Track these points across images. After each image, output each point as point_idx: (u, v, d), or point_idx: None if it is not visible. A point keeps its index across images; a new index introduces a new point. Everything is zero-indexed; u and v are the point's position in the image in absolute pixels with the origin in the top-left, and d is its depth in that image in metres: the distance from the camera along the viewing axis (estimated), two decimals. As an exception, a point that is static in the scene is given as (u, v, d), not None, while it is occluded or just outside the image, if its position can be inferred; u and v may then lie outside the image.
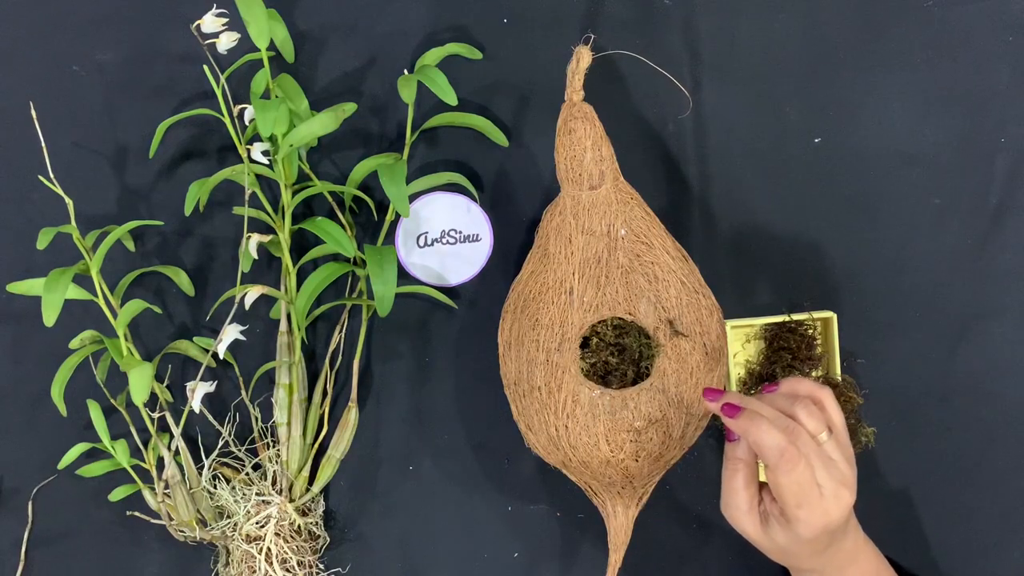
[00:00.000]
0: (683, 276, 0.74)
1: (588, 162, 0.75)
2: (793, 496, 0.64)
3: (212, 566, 0.82)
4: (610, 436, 0.72)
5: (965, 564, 0.85)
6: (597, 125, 0.75)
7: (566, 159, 0.75)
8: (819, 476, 0.65)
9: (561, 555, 0.85)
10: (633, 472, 0.73)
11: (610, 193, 0.75)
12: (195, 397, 0.77)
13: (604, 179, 0.75)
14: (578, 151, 0.75)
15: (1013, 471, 0.85)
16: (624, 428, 0.71)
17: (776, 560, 0.69)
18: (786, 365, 0.81)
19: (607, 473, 0.74)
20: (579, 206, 0.75)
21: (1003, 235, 0.85)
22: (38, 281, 0.78)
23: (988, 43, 0.85)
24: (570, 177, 0.75)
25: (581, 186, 0.75)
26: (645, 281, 0.73)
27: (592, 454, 0.72)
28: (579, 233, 0.74)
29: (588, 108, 0.75)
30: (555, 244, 0.75)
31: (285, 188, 0.79)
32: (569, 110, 0.75)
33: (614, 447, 0.72)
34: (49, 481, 0.84)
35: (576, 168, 0.75)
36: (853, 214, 0.85)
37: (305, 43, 0.84)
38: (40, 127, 0.78)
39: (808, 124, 0.85)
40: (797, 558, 0.68)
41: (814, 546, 0.66)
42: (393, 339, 0.85)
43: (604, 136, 0.75)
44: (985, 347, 0.85)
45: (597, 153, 0.75)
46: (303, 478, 0.82)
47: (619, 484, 0.75)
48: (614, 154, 0.76)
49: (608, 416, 0.71)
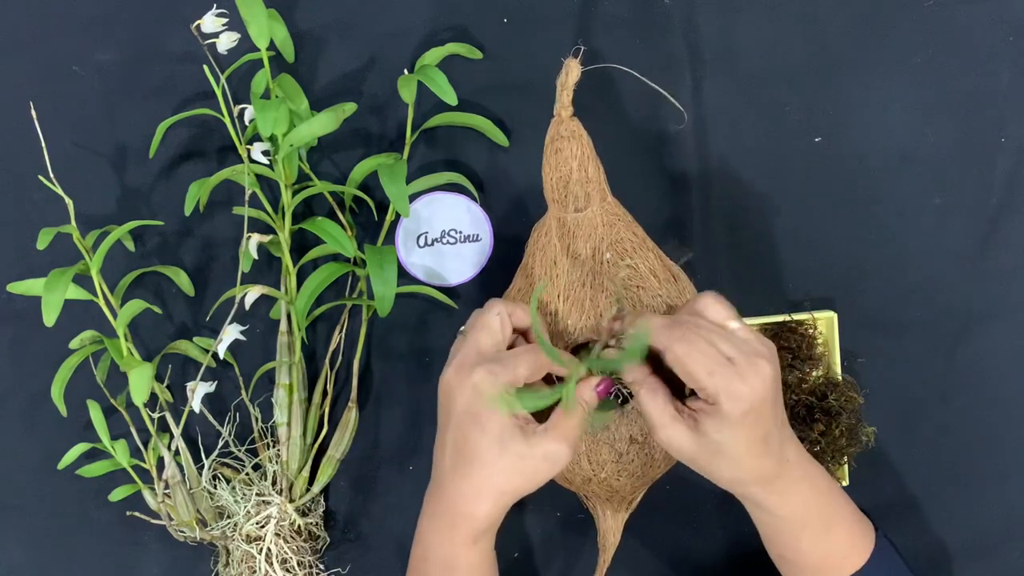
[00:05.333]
0: (669, 300, 0.72)
1: (573, 183, 0.72)
2: (702, 366, 0.62)
3: (212, 566, 0.82)
4: (592, 456, 0.71)
5: (965, 564, 0.85)
6: (585, 144, 0.72)
7: (552, 180, 0.72)
8: (724, 348, 0.62)
9: (561, 555, 0.85)
10: (616, 488, 0.73)
11: (596, 215, 0.72)
12: (195, 397, 0.77)
13: (590, 201, 0.72)
14: (564, 172, 0.72)
15: (1013, 471, 0.85)
16: (605, 449, 0.71)
17: (724, 484, 0.66)
18: (786, 364, 0.81)
19: (590, 489, 0.74)
20: (564, 228, 0.72)
21: (1003, 235, 0.85)
22: (38, 281, 0.78)
23: (988, 43, 0.85)
24: (556, 198, 0.73)
25: (566, 208, 0.72)
26: (629, 306, 0.71)
27: (574, 472, 0.72)
28: (564, 256, 0.72)
29: (576, 125, 0.72)
30: (540, 266, 0.73)
31: (285, 188, 0.79)
32: (556, 127, 0.72)
33: (595, 466, 0.71)
34: (49, 481, 0.84)
35: (561, 190, 0.72)
36: (853, 214, 0.85)
37: (305, 43, 0.84)
38: (40, 127, 0.78)
39: (808, 124, 0.85)
40: (738, 463, 0.64)
41: (750, 438, 0.63)
42: (393, 339, 0.85)
43: (592, 156, 0.72)
44: (985, 347, 0.85)
45: (583, 174, 0.72)
46: (303, 478, 0.82)
47: (605, 496, 0.75)
48: (603, 174, 0.73)
49: (589, 436, 0.71)
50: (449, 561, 0.66)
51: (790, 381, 0.80)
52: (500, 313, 0.68)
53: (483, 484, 0.64)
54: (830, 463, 0.80)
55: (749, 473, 0.65)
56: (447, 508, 0.66)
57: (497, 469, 0.64)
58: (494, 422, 0.64)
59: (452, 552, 0.66)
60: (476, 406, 0.64)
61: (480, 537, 0.66)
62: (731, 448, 0.63)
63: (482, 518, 0.65)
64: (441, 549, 0.66)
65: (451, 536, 0.66)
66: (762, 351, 0.64)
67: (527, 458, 0.63)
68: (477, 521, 0.65)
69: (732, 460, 0.64)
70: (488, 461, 0.64)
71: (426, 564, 0.68)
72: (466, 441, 0.64)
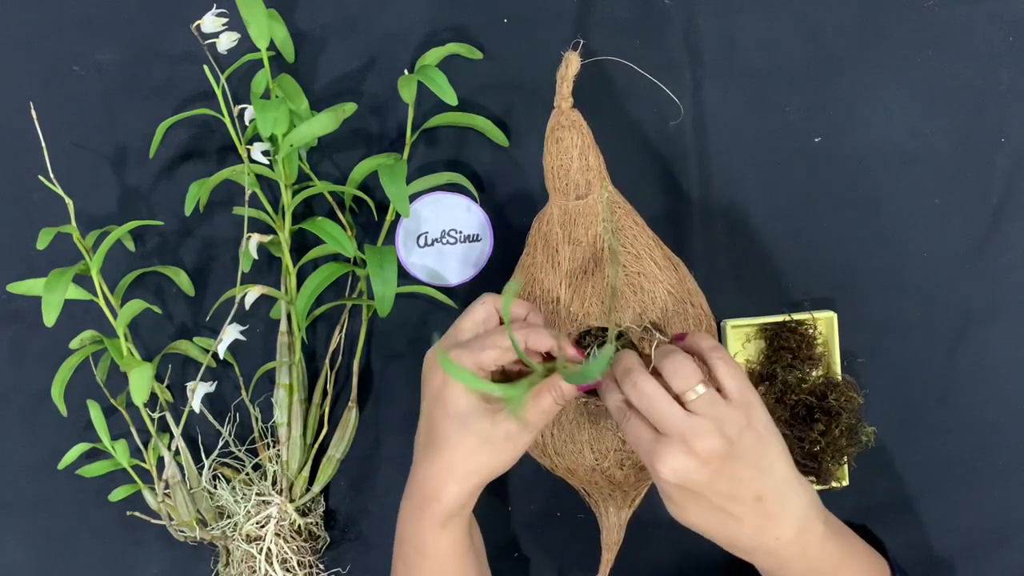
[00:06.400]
0: (670, 286, 0.72)
1: (575, 172, 0.73)
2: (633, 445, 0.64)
3: (212, 566, 0.82)
4: (595, 444, 0.71)
5: (965, 564, 0.85)
6: (585, 133, 0.73)
7: (553, 168, 0.74)
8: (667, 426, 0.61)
9: (561, 555, 0.85)
10: (619, 480, 0.73)
11: (597, 203, 0.73)
12: (195, 397, 0.77)
13: (591, 188, 0.73)
14: (565, 160, 0.73)
15: (1013, 471, 0.85)
16: (609, 436, 0.71)
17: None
18: (786, 364, 0.81)
19: (593, 480, 0.74)
20: (566, 216, 0.73)
21: (1003, 235, 0.85)
22: (38, 281, 0.78)
23: (988, 43, 0.85)
24: (557, 187, 0.74)
25: (568, 196, 0.73)
26: (631, 292, 0.72)
27: (577, 461, 0.72)
28: (566, 243, 0.73)
29: (576, 116, 0.74)
30: (543, 253, 0.74)
31: (285, 188, 0.79)
32: (557, 118, 0.74)
33: (599, 455, 0.72)
34: (49, 481, 0.84)
35: (563, 178, 0.73)
36: (853, 214, 0.85)
37: (305, 43, 0.84)
38: (40, 127, 0.78)
39: (808, 124, 0.85)
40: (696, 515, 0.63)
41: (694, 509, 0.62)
42: (393, 339, 0.85)
43: (592, 145, 0.74)
44: (985, 347, 0.85)
45: (584, 163, 0.73)
46: (303, 478, 0.82)
47: (607, 490, 0.75)
48: (603, 162, 0.74)
49: (592, 425, 0.71)
50: (419, 545, 0.67)
51: (790, 381, 0.80)
52: (486, 304, 0.69)
53: (447, 465, 0.65)
54: (830, 463, 0.80)
55: (719, 538, 0.64)
56: (418, 490, 0.66)
57: (460, 449, 0.64)
58: (460, 403, 0.64)
59: (421, 536, 0.66)
60: (443, 389, 0.65)
61: (448, 521, 0.66)
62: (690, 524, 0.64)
63: (448, 500, 0.65)
64: (412, 532, 0.67)
65: (420, 518, 0.66)
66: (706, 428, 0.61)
67: (489, 439, 0.64)
68: (443, 504, 0.65)
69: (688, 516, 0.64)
70: (452, 442, 0.64)
71: (402, 546, 0.68)
72: (434, 423, 0.65)
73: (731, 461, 0.61)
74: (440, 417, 0.65)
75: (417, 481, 0.67)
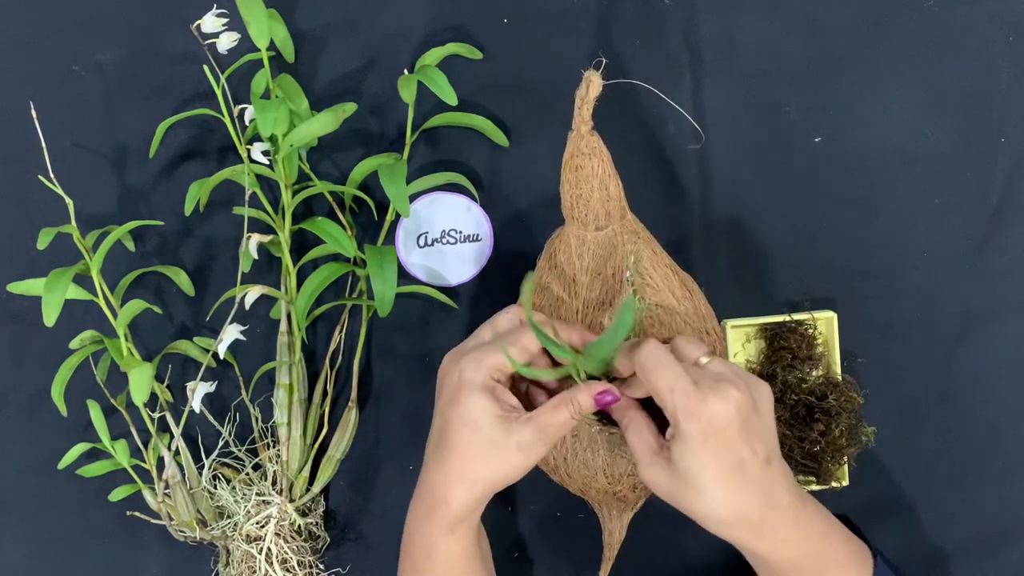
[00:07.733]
0: (686, 318, 0.72)
1: (595, 202, 0.70)
2: (664, 382, 0.61)
3: (212, 566, 0.82)
4: (608, 470, 0.71)
5: (965, 564, 0.85)
6: (606, 161, 0.69)
7: (571, 197, 0.70)
8: (692, 372, 0.62)
9: (561, 555, 0.85)
10: (630, 499, 0.73)
11: (617, 234, 0.71)
12: (195, 397, 0.77)
13: (611, 219, 0.71)
14: (585, 190, 0.69)
15: (1013, 471, 0.85)
16: (623, 463, 0.71)
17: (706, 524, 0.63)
18: (786, 364, 0.81)
19: (603, 500, 0.74)
20: (584, 247, 0.71)
21: (1003, 235, 0.85)
22: (38, 281, 0.78)
23: (988, 43, 0.85)
24: (576, 216, 0.71)
25: (587, 226, 0.71)
26: (649, 325, 0.71)
27: (590, 484, 0.72)
28: (583, 274, 0.71)
29: (597, 141, 0.69)
30: (559, 284, 0.72)
31: (285, 188, 0.79)
32: (576, 143, 0.69)
33: (612, 480, 0.71)
34: (49, 481, 0.84)
35: (583, 208, 0.70)
36: (853, 214, 0.85)
37: (305, 43, 0.84)
38: (40, 127, 0.78)
39: (808, 124, 0.85)
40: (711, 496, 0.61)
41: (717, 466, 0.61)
42: (393, 339, 0.85)
43: (613, 173, 0.70)
44: (985, 347, 0.85)
45: (604, 193, 0.70)
46: (303, 478, 0.82)
47: (616, 506, 0.75)
48: (623, 190, 0.71)
49: (607, 452, 0.70)
50: (427, 548, 0.66)
51: (790, 381, 0.80)
52: (510, 313, 0.69)
53: (457, 470, 0.64)
54: (830, 463, 0.80)
55: (727, 512, 0.62)
56: (427, 493, 0.66)
57: (471, 455, 0.64)
58: (474, 408, 0.64)
59: (430, 539, 0.66)
60: (458, 393, 0.64)
61: (456, 526, 0.65)
62: (698, 476, 0.61)
63: (456, 505, 0.64)
64: (421, 535, 0.67)
65: (429, 522, 0.66)
66: (733, 379, 0.62)
67: (501, 446, 0.63)
68: (451, 508, 0.64)
69: (703, 492, 0.62)
70: (463, 447, 0.64)
71: (410, 547, 0.68)
72: (447, 426, 0.65)
73: (753, 416, 0.63)
74: (453, 421, 0.64)
75: (426, 483, 0.66)
